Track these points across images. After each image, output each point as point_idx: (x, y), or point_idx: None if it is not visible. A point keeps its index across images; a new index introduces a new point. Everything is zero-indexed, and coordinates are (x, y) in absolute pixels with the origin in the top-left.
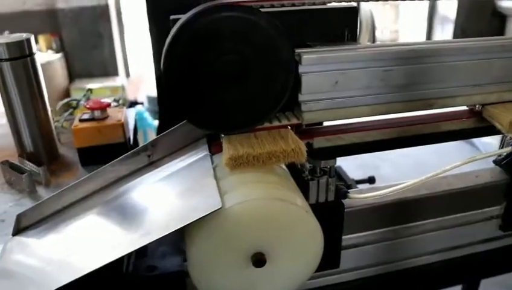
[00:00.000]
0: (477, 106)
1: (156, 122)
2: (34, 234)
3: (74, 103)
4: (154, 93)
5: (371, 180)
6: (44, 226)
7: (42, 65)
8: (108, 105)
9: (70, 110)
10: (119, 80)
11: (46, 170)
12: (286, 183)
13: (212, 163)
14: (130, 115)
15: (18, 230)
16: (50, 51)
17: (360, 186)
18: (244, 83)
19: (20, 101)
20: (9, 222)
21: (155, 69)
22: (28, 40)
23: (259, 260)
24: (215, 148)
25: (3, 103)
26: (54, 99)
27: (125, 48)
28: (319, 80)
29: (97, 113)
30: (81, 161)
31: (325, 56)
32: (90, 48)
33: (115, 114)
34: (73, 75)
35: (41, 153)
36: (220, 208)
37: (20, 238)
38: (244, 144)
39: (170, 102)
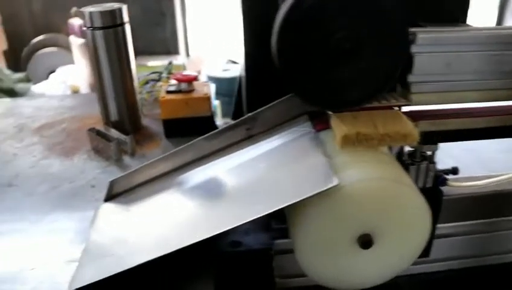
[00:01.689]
0: None
1: (217, 103)
2: (126, 201)
3: (156, 75)
4: (215, 73)
5: (455, 170)
6: (136, 195)
7: None
8: (195, 78)
9: (152, 82)
10: (180, 59)
11: (133, 139)
12: (395, 164)
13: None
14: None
15: (109, 196)
16: None
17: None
18: (357, 60)
19: (109, 69)
20: (99, 187)
21: (245, 46)
22: (120, 10)
23: (366, 241)
24: (319, 126)
25: (93, 70)
26: None
27: (186, 27)
28: (432, 61)
29: (184, 86)
30: (165, 132)
31: (440, 36)
32: (152, 26)
33: (201, 88)
34: (135, 52)
35: (126, 123)
36: (337, 185)
37: (112, 205)
38: (356, 123)
39: (283, 79)
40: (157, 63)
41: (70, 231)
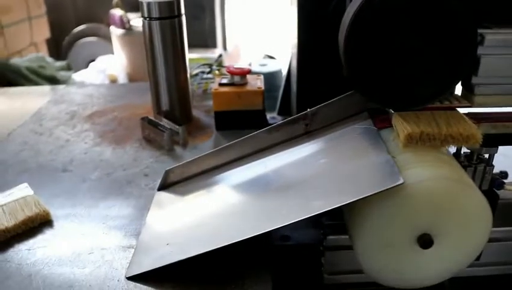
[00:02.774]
0: None
1: None
2: (181, 191)
3: (206, 67)
4: (253, 68)
5: (504, 175)
6: (191, 185)
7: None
8: (249, 71)
9: (202, 74)
10: (217, 53)
11: (185, 130)
12: (456, 165)
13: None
14: None
15: (164, 185)
16: None
17: None
18: (424, 60)
19: (164, 60)
20: (152, 176)
21: (298, 40)
22: (178, 1)
23: (427, 241)
24: (380, 124)
25: (147, 59)
26: None
27: (224, 21)
28: (498, 63)
29: (237, 79)
30: (216, 124)
31: (509, 38)
32: (192, 19)
33: (254, 81)
34: None
35: (176, 114)
36: (402, 183)
37: (167, 194)
38: (419, 123)
39: (349, 76)
40: (194, 55)
41: (124, 218)
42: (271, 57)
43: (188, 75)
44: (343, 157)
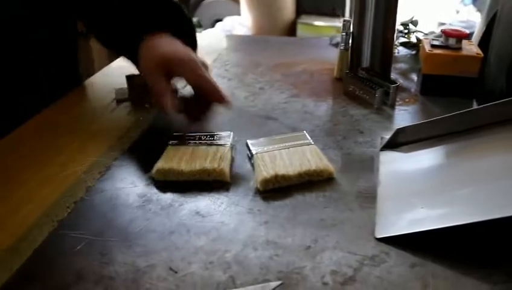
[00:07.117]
0: None
1: None
2: (413, 154)
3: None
4: None
5: None
6: (425, 149)
7: None
8: (467, 35)
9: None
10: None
11: (396, 89)
12: None
13: None
14: None
15: (390, 144)
16: None
17: None
18: None
19: (374, 15)
20: (367, 134)
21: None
22: None
23: None
24: None
25: (355, 10)
26: (279, 30)
27: None
28: None
29: (451, 41)
30: (422, 88)
31: None
32: None
33: (468, 46)
34: (300, 10)
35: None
36: None
37: (396, 154)
38: None
39: None
40: (321, 23)
41: (351, 173)
42: None
43: (395, 34)
44: None
